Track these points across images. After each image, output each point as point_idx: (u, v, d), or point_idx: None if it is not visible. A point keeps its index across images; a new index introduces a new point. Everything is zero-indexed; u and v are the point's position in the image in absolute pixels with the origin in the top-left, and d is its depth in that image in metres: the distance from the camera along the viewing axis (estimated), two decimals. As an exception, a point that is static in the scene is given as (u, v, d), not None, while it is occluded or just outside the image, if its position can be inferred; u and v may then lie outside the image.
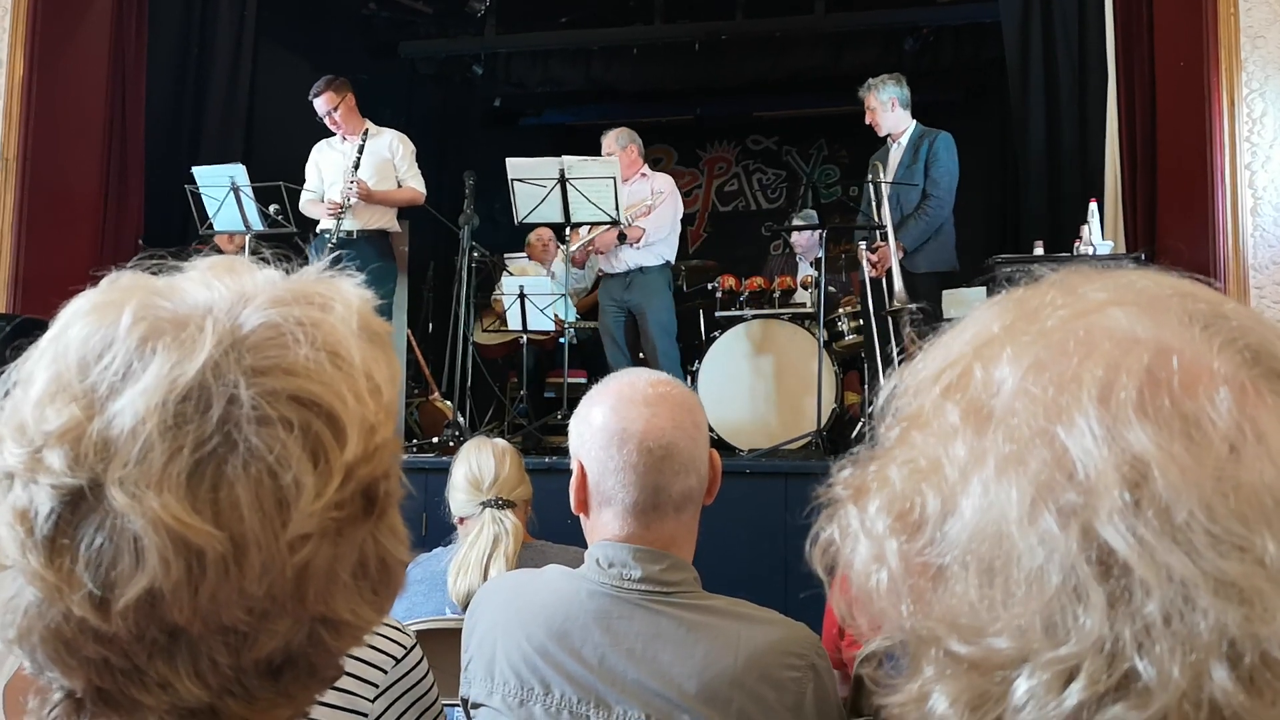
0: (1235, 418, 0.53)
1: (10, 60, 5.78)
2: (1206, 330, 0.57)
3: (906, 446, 0.62)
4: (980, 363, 0.60)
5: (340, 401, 0.64)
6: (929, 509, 0.59)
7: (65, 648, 0.62)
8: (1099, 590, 0.52)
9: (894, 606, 0.61)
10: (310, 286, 0.69)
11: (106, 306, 0.65)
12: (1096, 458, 0.53)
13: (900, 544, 0.60)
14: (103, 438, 0.60)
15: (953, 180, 5.51)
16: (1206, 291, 0.61)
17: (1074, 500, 0.53)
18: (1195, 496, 0.51)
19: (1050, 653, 0.53)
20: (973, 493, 0.56)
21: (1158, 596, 0.51)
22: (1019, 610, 0.54)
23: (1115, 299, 0.59)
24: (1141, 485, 0.52)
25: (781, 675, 1.45)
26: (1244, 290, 4.83)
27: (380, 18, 8.88)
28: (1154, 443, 0.52)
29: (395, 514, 0.70)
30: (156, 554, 0.59)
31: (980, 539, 0.56)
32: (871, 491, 0.63)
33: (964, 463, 0.58)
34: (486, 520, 2.50)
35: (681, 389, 1.59)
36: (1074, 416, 0.54)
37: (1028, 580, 0.54)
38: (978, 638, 0.55)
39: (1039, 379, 0.57)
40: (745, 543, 3.94)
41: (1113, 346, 0.56)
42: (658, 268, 6.08)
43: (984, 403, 0.58)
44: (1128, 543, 0.51)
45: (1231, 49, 4.92)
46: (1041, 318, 0.60)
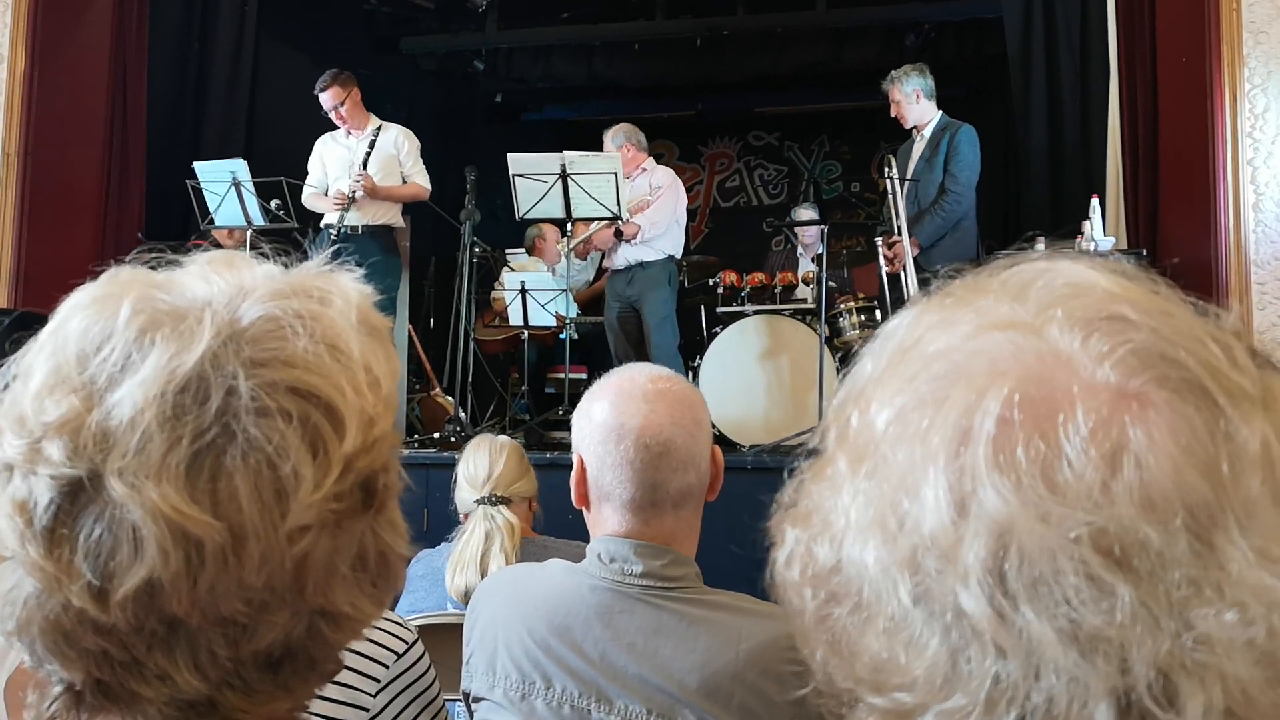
0: (1095, 451, 0.51)
1: (11, 55, 5.78)
2: (1088, 340, 0.54)
3: (806, 497, 0.62)
4: (858, 407, 0.60)
5: (339, 393, 0.64)
6: (820, 564, 0.59)
7: (64, 639, 0.62)
8: (980, 646, 0.51)
9: (815, 651, 0.61)
10: (309, 281, 0.70)
11: (105, 300, 0.65)
12: (945, 525, 0.52)
13: (810, 595, 0.60)
14: (102, 429, 0.61)
15: (973, 175, 5.43)
16: (1106, 285, 0.57)
17: (933, 566, 0.52)
18: (1059, 548, 0.50)
19: (940, 705, 0.53)
20: (850, 550, 0.56)
21: (1013, 658, 0.50)
22: (911, 665, 0.54)
23: (991, 321, 0.57)
24: (1002, 543, 0.50)
25: (783, 670, 1.45)
26: (1245, 286, 4.82)
27: (382, 13, 8.88)
28: (1011, 499, 0.51)
29: (394, 508, 0.70)
30: (155, 544, 0.59)
31: (860, 597, 0.56)
32: (779, 541, 0.63)
33: (845, 517, 0.57)
34: (479, 517, 2.51)
35: (682, 385, 1.59)
36: (922, 482, 0.53)
37: (912, 638, 0.54)
38: (885, 690, 0.56)
39: (900, 432, 0.56)
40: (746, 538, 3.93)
41: (968, 386, 0.54)
42: (659, 262, 6.04)
43: (863, 451, 0.58)
44: (980, 609, 0.51)
45: (1233, 44, 4.91)
46: (915, 350, 0.58)
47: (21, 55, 5.80)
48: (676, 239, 6.18)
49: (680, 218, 6.20)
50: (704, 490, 1.59)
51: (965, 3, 8.26)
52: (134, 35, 6.48)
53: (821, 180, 10.84)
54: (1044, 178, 6.29)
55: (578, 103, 10.80)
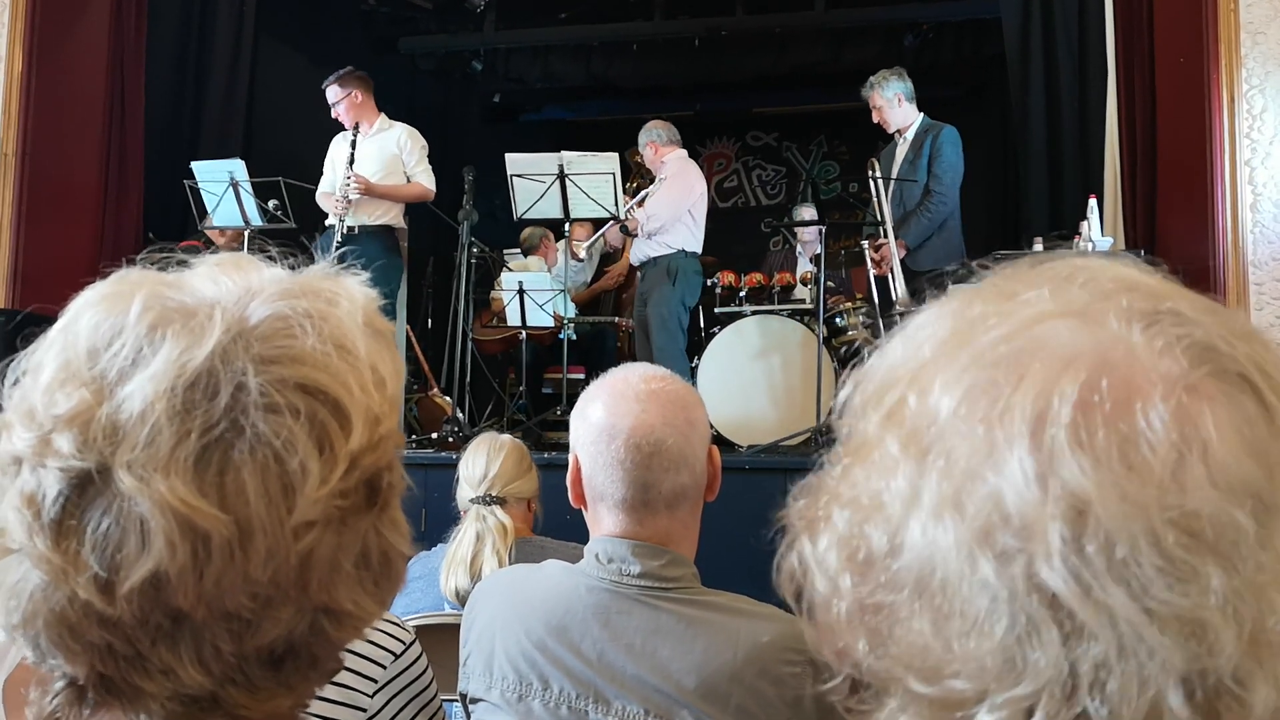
0: (1175, 434, 0.51)
1: (9, 54, 5.77)
2: (1148, 330, 0.55)
3: (849, 481, 0.61)
4: (915, 391, 0.59)
5: (346, 391, 0.65)
6: (874, 548, 0.58)
7: (69, 632, 0.63)
8: (1051, 630, 0.51)
9: (855, 641, 0.60)
10: (317, 282, 0.70)
11: (116, 297, 0.66)
12: (1030, 500, 0.52)
13: (853, 582, 0.59)
14: (111, 422, 0.61)
15: (957, 175, 5.46)
16: (1152, 283, 0.59)
17: (1012, 544, 0.52)
18: (1139, 528, 0.50)
19: (1006, 693, 0.52)
20: (913, 533, 0.56)
21: (1101, 637, 0.50)
22: (972, 651, 0.53)
23: (1050, 309, 0.57)
24: (1082, 522, 0.51)
25: (781, 671, 1.45)
26: (1243, 287, 4.83)
27: (380, 13, 8.87)
28: (1091, 476, 0.51)
29: (397, 507, 0.71)
30: (163, 537, 0.60)
31: (924, 580, 0.55)
32: (820, 528, 0.62)
33: (906, 498, 0.57)
34: (472, 518, 2.49)
35: (677, 385, 1.59)
36: (1005, 456, 0.53)
37: (977, 622, 0.53)
38: (936, 678, 0.55)
39: (971, 412, 0.55)
40: (744, 538, 3.93)
41: (1044, 369, 0.54)
42: (667, 257, 5.91)
43: (922, 433, 0.57)
44: (1068, 586, 0.50)
45: (1231, 45, 4.92)
46: (974, 336, 0.58)
47: (19, 55, 5.80)
48: (689, 232, 5.98)
49: (692, 208, 5.99)
50: (700, 491, 1.59)
51: (963, 3, 8.26)
52: (132, 35, 6.48)
53: (819, 180, 10.83)
54: (1042, 178, 6.29)
55: (576, 103, 10.80)
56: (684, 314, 6.02)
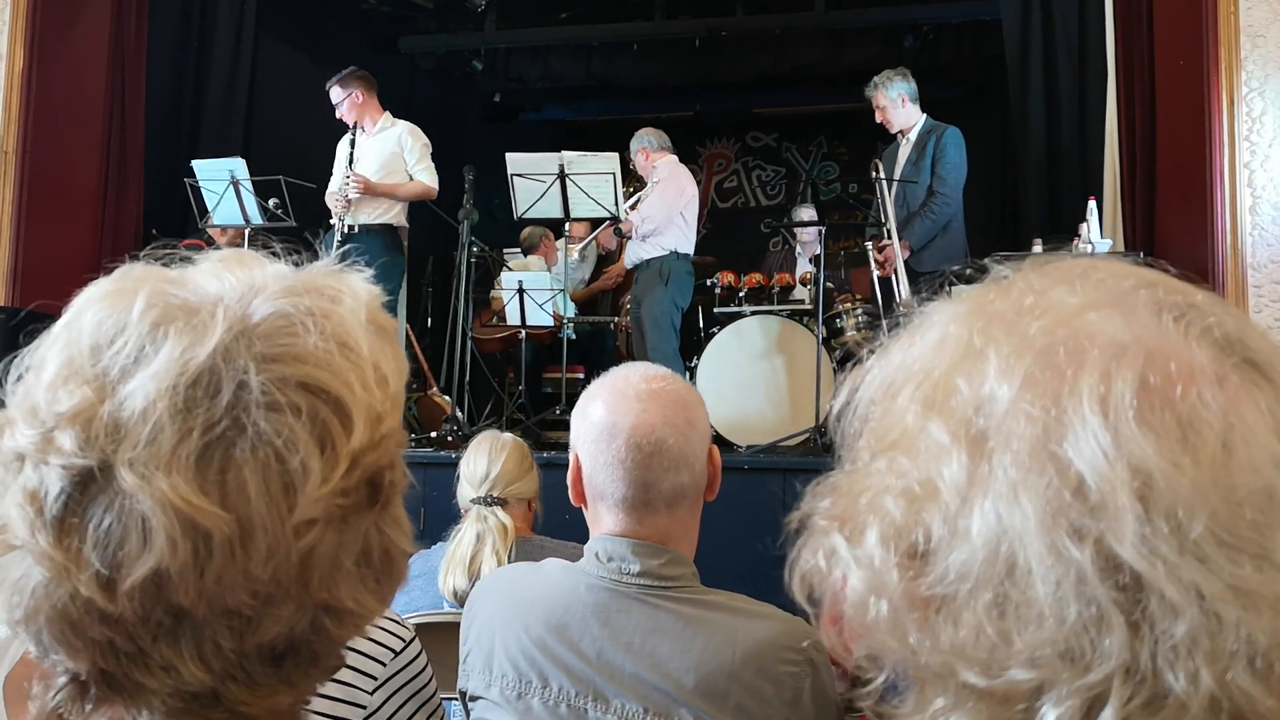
0: (1225, 416, 0.52)
1: (10, 53, 5.77)
2: (1179, 322, 0.56)
3: (895, 472, 0.60)
4: (963, 377, 0.58)
5: (348, 390, 0.65)
6: (934, 538, 0.57)
7: (71, 629, 0.63)
8: (1120, 614, 0.51)
9: (898, 639, 0.59)
10: (320, 279, 0.70)
11: (119, 294, 0.66)
12: (1106, 474, 0.52)
13: (903, 576, 0.58)
14: (113, 419, 0.61)
15: (960, 176, 5.46)
16: (1168, 279, 0.60)
17: (1088, 522, 0.52)
18: (1204, 507, 0.50)
19: (1076, 681, 0.52)
20: (978, 519, 0.55)
21: (1187, 616, 0.50)
22: (1037, 639, 0.52)
23: (1089, 301, 0.58)
24: (1150, 499, 0.51)
25: (779, 670, 1.45)
26: (1242, 289, 4.83)
27: (380, 12, 8.87)
28: (1157, 453, 0.51)
29: (399, 505, 0.71)
30: (164, 535, 0.60)
31: (991, 567, 0.54)
32: (867, 522, 0.61)
33: (963, 487, 0.56)
34: (472, 518, 2.48)
35: (678, 384, 1.59)
36: (1079, 432, 0.53)
37: (1045, 608, 0.52)
38: (996, 669, 0.54)
39: (1035, 395, 0.55)
40: (743, 538, 3.94)
41: (1102, 354, 0.55)
42: (659, 259, 5.98)
43: (974, 421, 0.57)
44: (1150, 564, 0.50)
45: (1231, 48, 4.92)
46: (1020, 326, 0.58)
47: (20, 53, 5.79)
48: (681, 233, 6.04)
49: (684, 210, 6.05)
50: (700, 490, 1.59)
51: (963, 4, 8.27)
52: (133, 33, 6.48)
53: (819, 181, 10.83)
54: (1041, 180, 6.30)
55: (576, 103, 10.80)
56: (676, 314, 6.06)
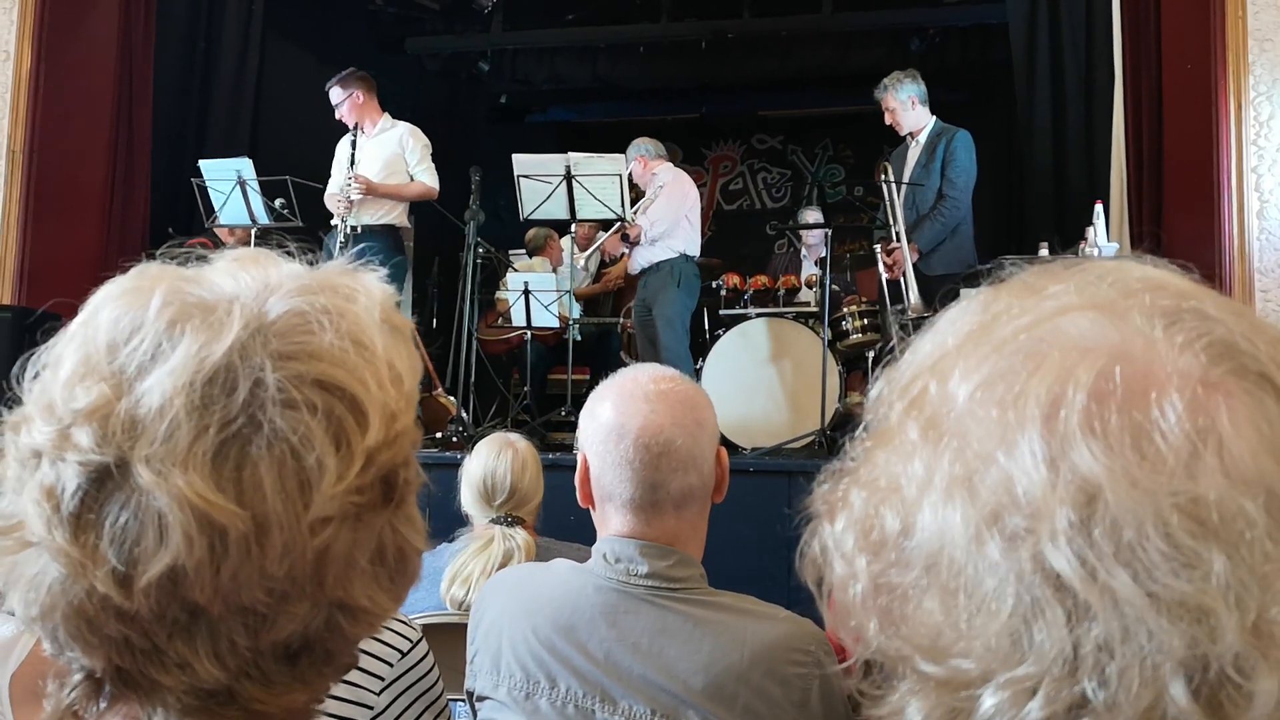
0: (1189, 426, 0.52)
1: (19, 52, 5.79)
2: (1170, 328, 0.56)
3: (870, 465, 0.62)
4: (935, 378, 0.60)
5: (363, 387, 0.65)
6: (887, 529, 0.59)
7: (87, 626, 0.63)
8: (1056, 611, 0.52)
9: (868, 622, 0.61)
10: (335, 278, 0.70)
11: (136, 292, 0.66)
12: (1039, 481, 0.53)
13: (868, 562, 0.60)
14: (130, 416, 0.61)
15: (970, 180, 5.44)
16: (1179, 283, 0.60)
17: (1019, 524, 0.53)
18: (1147, 514, 0.51)
19: (1008, 673, 0.53)
20: (927, 514, 0.56)
21: (1102, 619, 0.51)
22: (978, 631, 0.54)
23: (1073, 303, 0.58)
24: (1091, 506, 0.51)
25: (788, 672, 1.45)
26: (1249, 293, 4.82)
27: (387, 13, 8.87)
28: (1102, 461, 0.52)
29: (413, 503, 0.71)
30: (180, 531, 0.60)
31: (934, 561, 0.56)
32: (838, 510, 0.63)
33: (920, 481, 0.57)
34: (497, 537, 2.44)
35: (686, 386, 1.59)
36: (1017, 440, 0.54)
37: (984, 602, 0.54)
38: (943, 658, 0.56)
39: (988, 397, 0.56)
40: (750, 540, 3.95)
41: (1061, 358, 0.55)
42: (669, 261, 5.94)
43: (940, 419, 0.58)
44: (1071, 566, 0.51)
45: (1239, 52, 4.91)
46: (996, 328, 0.59)
47: (28, 53, 5.81)
48: (688, 236, 6.03)
49: (689, 213, 6.04)
50: (708, 491, 1.59)
51: (970, 8, 8.26)
52: (140, 33, 6.49)
53: (825, 183, 10.84)
54: (1047, 183, 6.29)
55: (582, 104, 10.81)
56: (688, 315, 6.04)
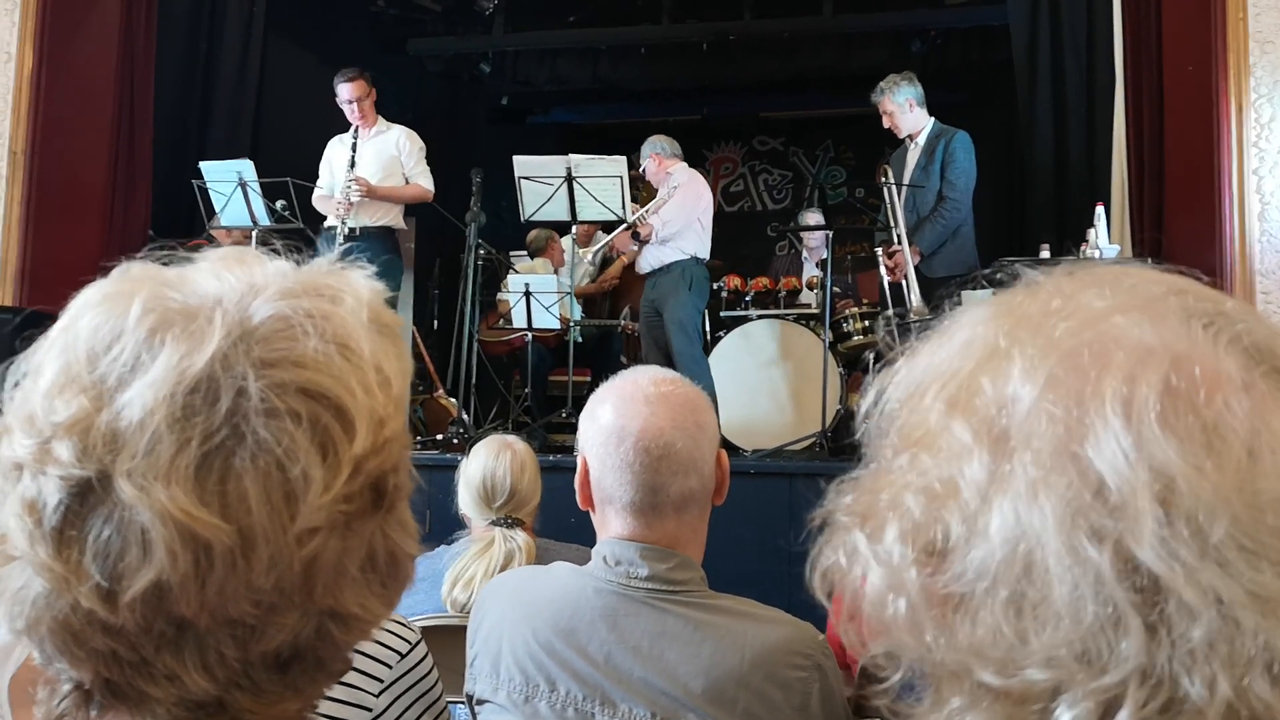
0: (1252, 423, 0.52)
1: (20, 53, 5.79)
2: (1208, 330, 0.56)
3: (917, 470, 0.60)
4: (987, 377, 0.58)
5: (349, 394, 0.64)
6: (952, 536, 0.57)
7: (73, 639, 0.62)
8: (1137, 616, 0.51)
9: (915, 637, 0.59)
10: (320, 279, 0.69)
11: (116, 297, 0.65)
12: (1128, 476, 0.52)
13: (921, 574, 0.58)
14: (111, 429, 0.60)
15: (970, 181, 5.43)
16: (1199, 287, 0.60)
17: (1107, 523, 0.52)
18: (1226, 511, 0.50)
19: (1092, 683, 0.51)
20: (998, 518, 0.55)
21: (1204, 620, 0.50)
22: (1054, 640, 0.52)
23: (1117, 305, 0.58)
24: (1172, 503, 0.51)
25: (787, 675, 1.45)
26: (1250, 295, 4.82)
27: (389, 15, 8.88)
28: (1180, 457, 0.51)
29: (404, 508, 0.70)
30: (164, 546, 0.59)
31: (1009, 566, 0.54)
32: (886, 519, 0.61)
33: (983, 486, 0.56)
34: (498, 539, 2.43)
35: (686, 388, 1.59)
36: (1100, 434, 0.53)
37: (1062, 609, 0.52)
38: (1011, 669, 0.54)
39: (1058, 396, 0.55)
40: (750, 542, 3.94)
41: (1127, 358, 0.55)
42: (680, 264, 5.85)
43: (996, 421, 0.57)
44: (1169, 566, 0.50)
45: (1240, 54, 4.91)
46: (1046, 328, 0.58)
47: (29, 54, 5.81)
48: (700, 238, 5.94)
49: (701, 215, 5.95)
50: (708, 494, 1.58)
51: (971, 10, 8.26)
52: (142, 34, 6.49)
53: (826, 185, 10.84)
54: (1048, 185, 6.29)
55: (583, 106, 10.81)
56: (700, 318, 5.97)
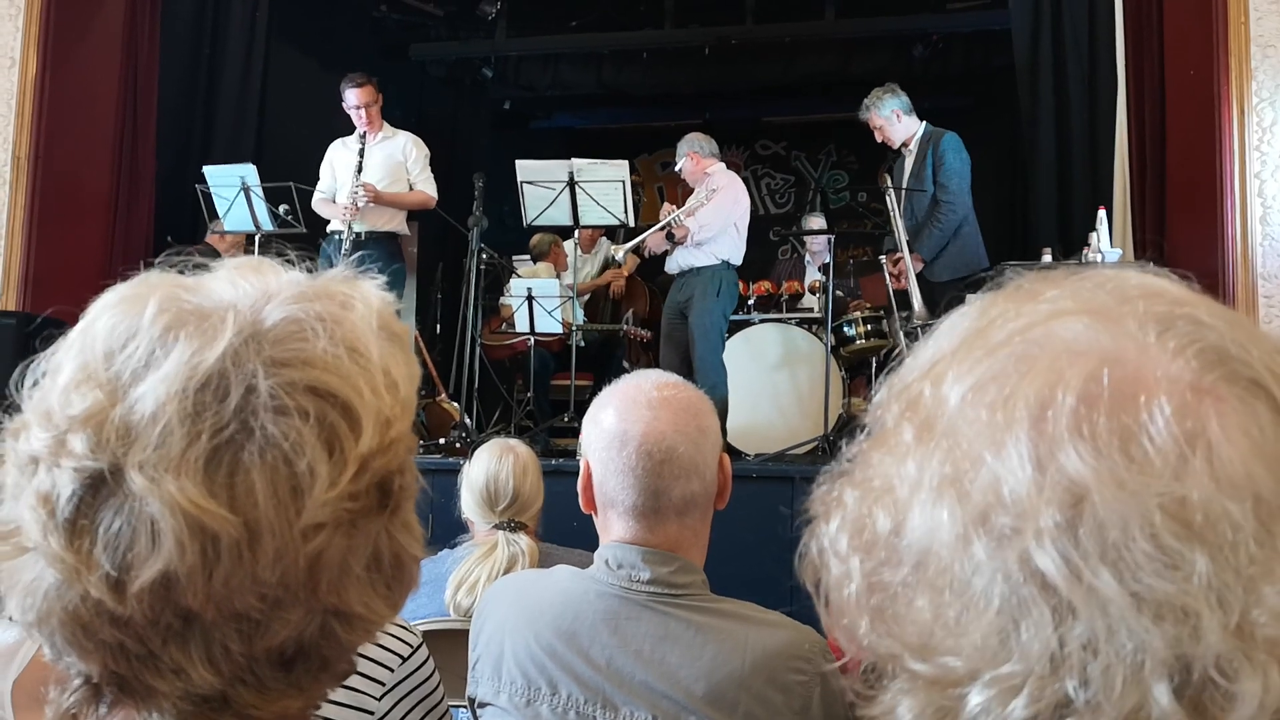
0: (1177, 430, 0.52)
1: (24, 58, 5.80)
2: (1164, 335, 0.56)
3: (865, 466, 0.63)
4: (930, 381, 0.61)
5: (357, 394, 0.65)
6: (879, 528, 0.60)
7: (82, 631, 0.63)
8: (1042, 610, 0.52)
9: (861, 621, 0.62)
10: (332, 286, 0.71)
11: (133, 299, 0.66)
12: (1025, 482, 0.53)
13: (860, 562, 0.61)
14: (124, 423, 0.62)
15: (962, 180, 5.42)
16: (1175, 290, 0.60)
17: (1006, 524, 0.53)
18: (1133, 515, 0.51)
19: (994, 670, 0.54)
20: (917, 514, 0.57)
21: (1085, 618, 0.51)
22: (967, 629, 0.55)
23: (1067, 308, 0.59)
24: (1078, 508, 0.52)
25: (789, 679, 1.45)
26: (1253, 299, 4.82)
27: (391, 20, 8.90)
28: (1089, 463, 0.52)
29: (410, 510, 0.71)
30: (172, 537, 0.60)
31: (924, 559, 0.57)
32: (833, 510, 0.64)
33: (912, 482, 0.58)
34: (501, 543, 2.44)
35: (690, 392, 1.59)
36: (1005, 441, 0.55)
37: (971, 601, 0.54)
38: (932, 656, 0.56)
39: (978, 399, 0.57)
40: (752, 546, 3.94)
41: (1051, 362, 0.56)
42: (712, 268, 5.71)
43: (934, 421, 0.59)
44: (1056, 566, 0.52)
45: (1241, 58, 4.92)
46: (991, 332, 0.60)
47: (33, 59, 5.83)
48: (734, 243, 5.79)
49: (738, 220, 5.80)
50: (710, 498, 1.59)
51: (973, 14, 8.27)
52: (145, 40, 6.51)
53: (828, 190, 10.84)
54: (1050, 189, 6.28)
55: (586, 110, 10.82)
56: (725, 325, 5.85)
